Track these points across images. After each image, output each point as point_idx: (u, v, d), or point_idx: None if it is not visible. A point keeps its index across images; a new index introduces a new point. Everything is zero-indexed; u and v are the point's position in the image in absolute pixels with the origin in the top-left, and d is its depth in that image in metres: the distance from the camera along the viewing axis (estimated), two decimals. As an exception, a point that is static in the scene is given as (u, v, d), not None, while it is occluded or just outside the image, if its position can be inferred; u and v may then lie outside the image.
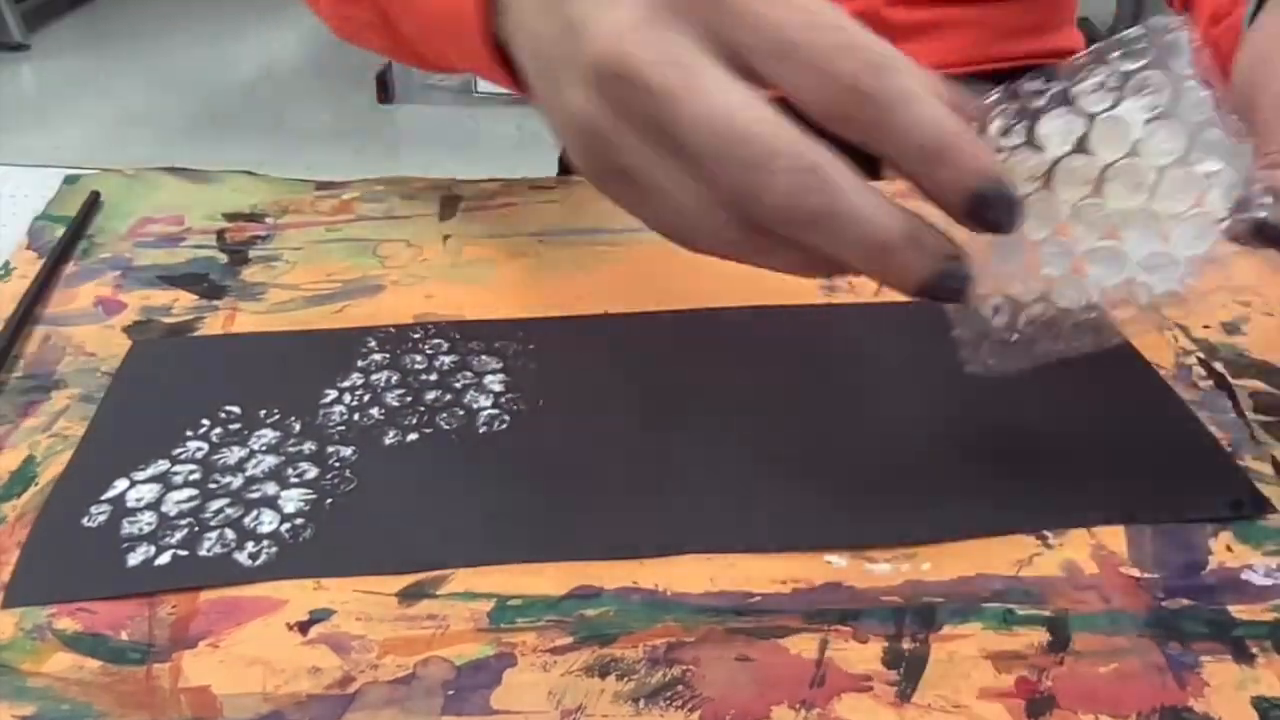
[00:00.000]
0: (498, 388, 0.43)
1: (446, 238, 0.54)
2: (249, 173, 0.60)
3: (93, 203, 0.56)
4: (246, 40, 2.86)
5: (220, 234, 0.54)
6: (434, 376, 0.44)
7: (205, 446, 0.40)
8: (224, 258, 0.52)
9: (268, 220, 0.56)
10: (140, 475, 0.39)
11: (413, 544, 0.36)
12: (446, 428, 0.41)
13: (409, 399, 0.43)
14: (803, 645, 0.33)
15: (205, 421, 0.41)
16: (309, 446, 0.40)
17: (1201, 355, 0.46)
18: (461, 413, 0.42)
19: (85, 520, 0.37)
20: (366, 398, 0.43)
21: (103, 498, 0.38)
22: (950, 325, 0.35)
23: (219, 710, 0.30)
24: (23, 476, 0.39)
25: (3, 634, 0.33)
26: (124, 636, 0.33)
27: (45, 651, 0.32)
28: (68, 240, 0.52)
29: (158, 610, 0.33)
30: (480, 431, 0.41)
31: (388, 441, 0.40)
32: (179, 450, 0.40)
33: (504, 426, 0.41)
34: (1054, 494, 0.38)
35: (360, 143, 2.36)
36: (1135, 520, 0.37)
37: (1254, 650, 0.33)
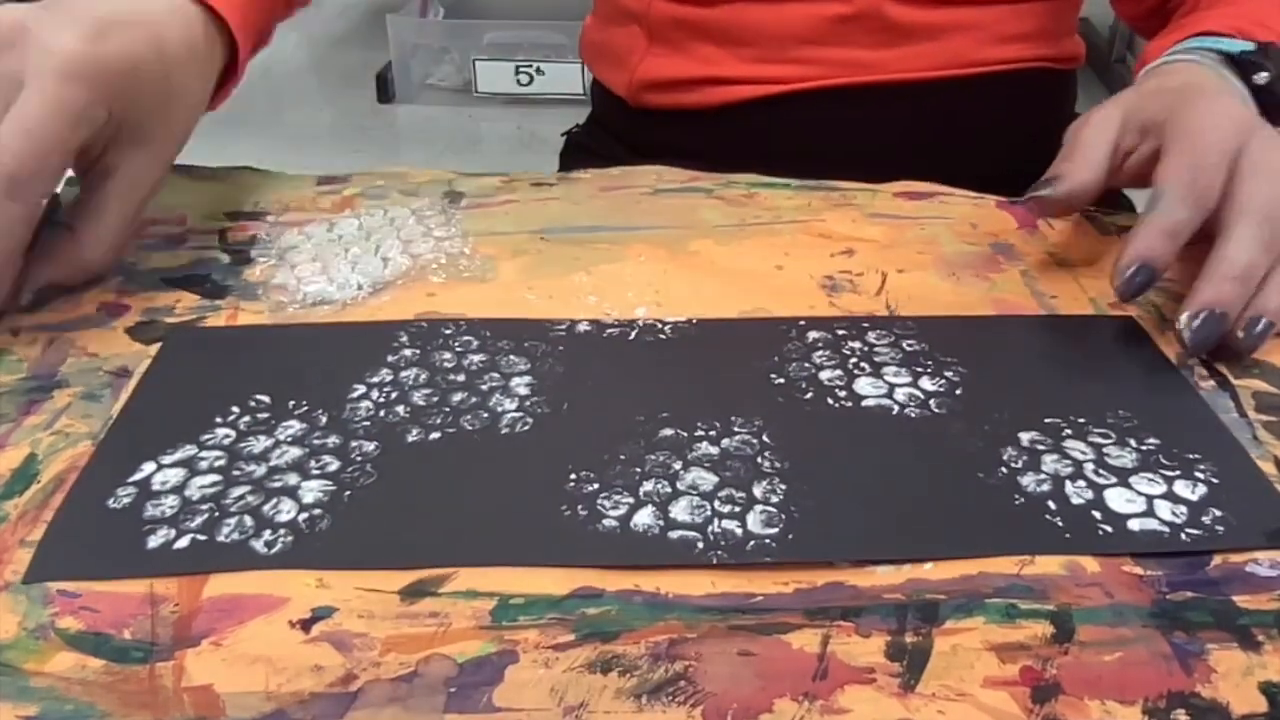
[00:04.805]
0: (523, 390, 0.43)
1: (448, 237, 0.54)
2: (250, 168, 0.60)
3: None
4: (247, 41, 2.85)
5: (222, 234, 0.54)
6: (462, 377, 0.44)
7: (233, 434, 0.41)
8: (226, 258, 0.52)
9: (269, 218, 0.56)
10: (167, 459, 0.39)
11: (426, 541, 0.36)
12: (470, 428, 0.41)
13: (435, 399, 0.43)
14: (805, 640, 0.33)
15: (235, 409, 0.42)
16: (333, 440, 0.40)
17: (1203, 356, 0.46)
18: (485, 415, 0.42)
19: (111, 501, 0.37)
20: (394, 395, 0.43)
21: (130, 480, 0.38)
22: None
23: (222, 709, 0.30)
24: (24, 474, 0.39)
25: (6, 633, 0.33)
26: (127, 635, 0.32)
27: (48, 651, 0.32)
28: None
29: (160, 609, 0.33)
30: (502, 432, 0.41)
31: (410, 439, 0.41)
32: (207, 436, 0.40)
33: (526, 428, 0.41)
34: (1080, 519, 0.37)
35: (360, 143, 2.35)
36: (1171, 550, 0.36)
37: (1260, 638, 0.33)
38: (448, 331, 0.47)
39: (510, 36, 2.49)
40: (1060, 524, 0.37)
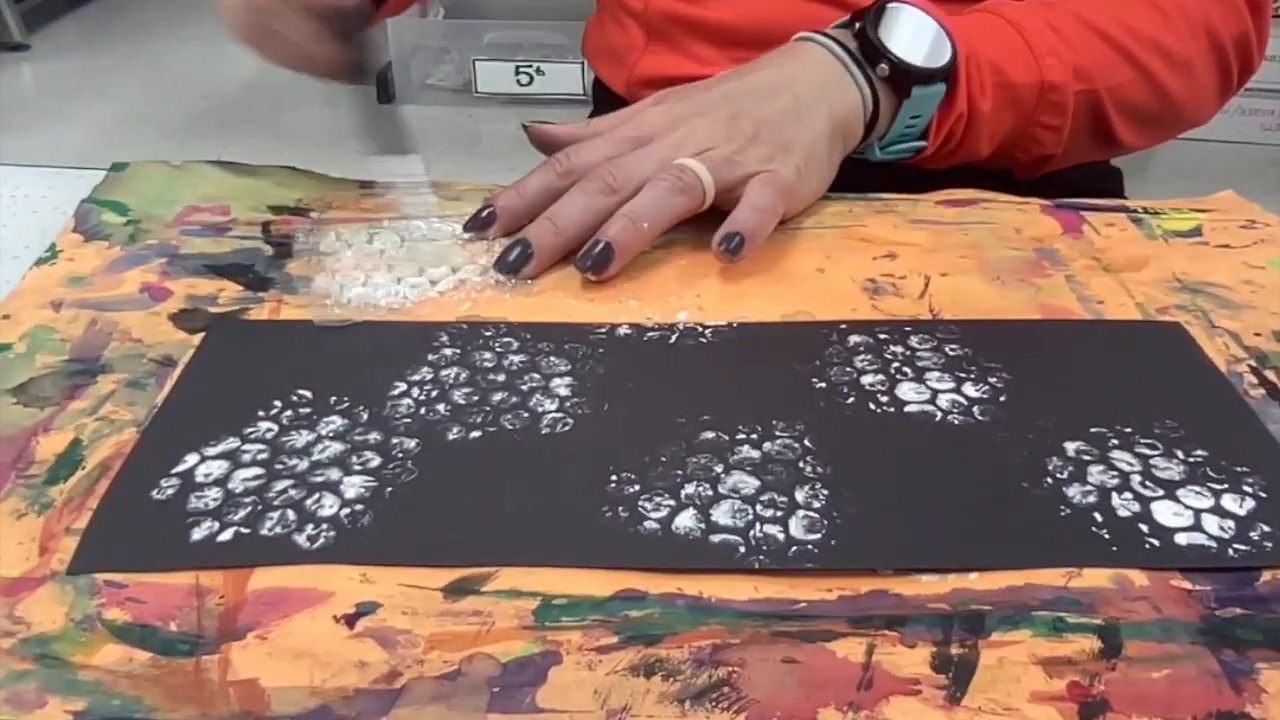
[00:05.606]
0: (564, 391, 0.43)
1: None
2: (291, 168, 0.61)
3: None
4: (247, 40, 2.87)
5: (265, 226, 0.55)
6: (502, 377, 0.44)
7: (275, 428, 0.41)
8: (269, 249, 0.53)
9: (312, 215, 0.56)
10: (211, 451, 0.40)
11: (468, 539, 0.36)
12: (510, 428, 0.41)
13: (475, 398, 0.43)
14: (849, 649, 0.32)
15: (277, 403, 0.42)
16: (374, 436, 0.41)
17: (1253, 364, 0.46)
18: (526, 415, 0.42)
19: (155, 493, 0.38)
20: (434, 393, 0.43)
21: (173, 471, 0.39)
22: None
23: (267, 704, 0.30)
24: (69, 460, 0.39)
25: (54, 624, 0.33)
26: (173, 627, 0.33)
27: (95, 643, 0.32)
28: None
29: (205, 601, 0.34)
30: (543, 433, 0.41)
31: (451, 437, 0.41)
32: (250, 430, 0.41)
33: (567, 429, 0.41)
34: (1127, 532, 0.37)
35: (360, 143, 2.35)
36: (1219, 566, 0.35)
37: None
38: (488, 333, 0.47)
39: (510, 36, 2.48)
40: (1107, 536, 0.36)
